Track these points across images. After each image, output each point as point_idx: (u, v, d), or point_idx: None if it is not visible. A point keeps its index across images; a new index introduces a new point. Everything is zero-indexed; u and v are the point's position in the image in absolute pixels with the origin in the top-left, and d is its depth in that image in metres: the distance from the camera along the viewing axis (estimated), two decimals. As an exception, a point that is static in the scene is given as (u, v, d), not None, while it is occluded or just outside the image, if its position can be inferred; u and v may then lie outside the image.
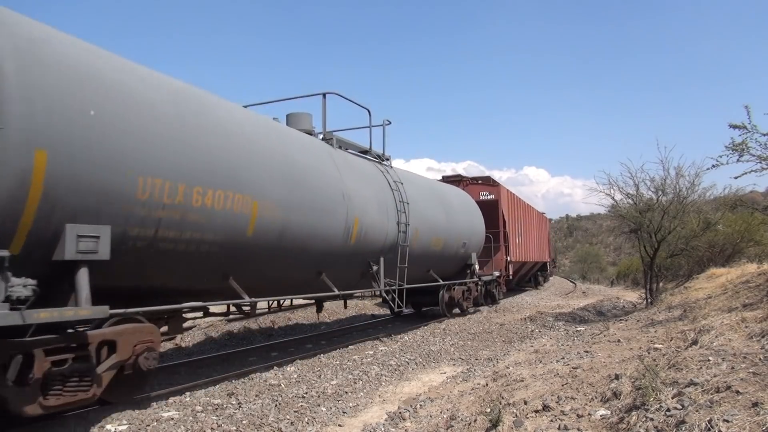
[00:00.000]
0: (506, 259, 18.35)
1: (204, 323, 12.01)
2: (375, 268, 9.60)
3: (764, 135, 8.64)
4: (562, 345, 8.55)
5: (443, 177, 18.52)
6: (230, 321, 12.67)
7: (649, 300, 14.34)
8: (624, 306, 16.81)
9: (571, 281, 39.44)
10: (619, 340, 7.52)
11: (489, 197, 18.38)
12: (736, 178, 21.40)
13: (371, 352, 9.14)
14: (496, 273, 17.38)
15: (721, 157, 9.18)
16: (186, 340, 10.99)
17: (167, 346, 10.42)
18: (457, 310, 14.52)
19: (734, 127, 8.73)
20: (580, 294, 25.61)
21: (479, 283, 15.56)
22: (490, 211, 17.47)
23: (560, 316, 14.40)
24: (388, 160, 11.41)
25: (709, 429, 2.84)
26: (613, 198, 14.92)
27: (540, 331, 11.65)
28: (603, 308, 16.46)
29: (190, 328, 11.85)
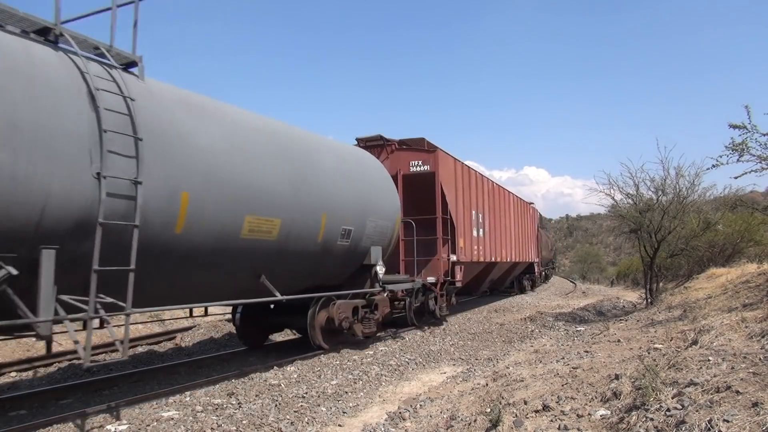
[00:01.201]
0: (448, 259, 12.67)
1: (204, 323, 12.02)
2: (3, 272, 4.36)
3: (764, 135, 8.66)
4: (562, 345, 8.56)
5: (357, 139, 12.81)
6: (230, 321, 12.68)
7: (649, 300, 14.35)
8: (624, 306, 16.81)
9: (571, 281, 39.43)
10: (619, 340, 7.52)
11: (421, 169, 12.53)
12: (736, 178, 21.51)
13: (371, 352, 9.14)
14: (431, 279, 12.19)
15: (721, 157, 9.20)
16: (186, 340, 11.00)
17: (167, 346, 10.44)
18: (359, 338, 9.55)
19: (734, 127, 8.74)
20: (580, 294, 25.62)
21: (401, 293, 11.11)
22: (424, 188, 12.40)
23: (560, 316, 14.41)
24: (133, 65, 5.96)
25: (709, 429, 2.84)
26: (613, 198, 14.97)
27: (540, 331, 11.65)
28: (603, 308, 16.47)
29: (189, 328, 11.85)
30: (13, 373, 7.94)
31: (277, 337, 11.29)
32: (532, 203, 25.85)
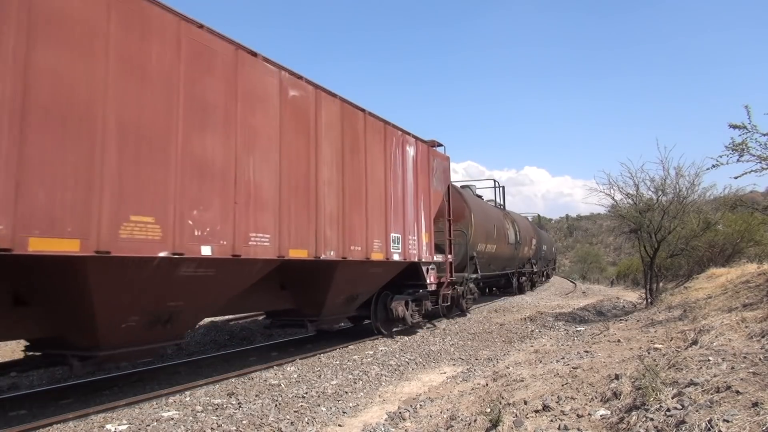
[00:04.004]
0: None
1: (204, 323, 12.01)
2: None
3: (764, 135, 8.66)
4: (562, 345, 8.56)
5: None
6: (230, 321, 12.68)
7: (649, 300, 14.34)
8: (624, 306, 16.81)
9: (571, 281, 39.43)
10: (619, 340, 7.52)
11: None
12: (736, 178, 21.49)
13: (371, 352, 9.14)
14: None
15: (721, 157, 9.20)
16: (186, 340, 10.99)
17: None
18: None
19: (734, 127, 8.74)
20: (580, 294, 25.60)
21: None
22: None
23: (560, 316, 14.40)
24: None
25: (709, 429, 2.84)
26: (613, 198, 14.95)
27: (540, 331, 11.65)
28: (603, 308, 16.46)
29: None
30: (13, 373, 7.93)
31: (279, 336, 11.30)
32: (440, 145, 12.71)
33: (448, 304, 13.18)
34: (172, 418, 5.40)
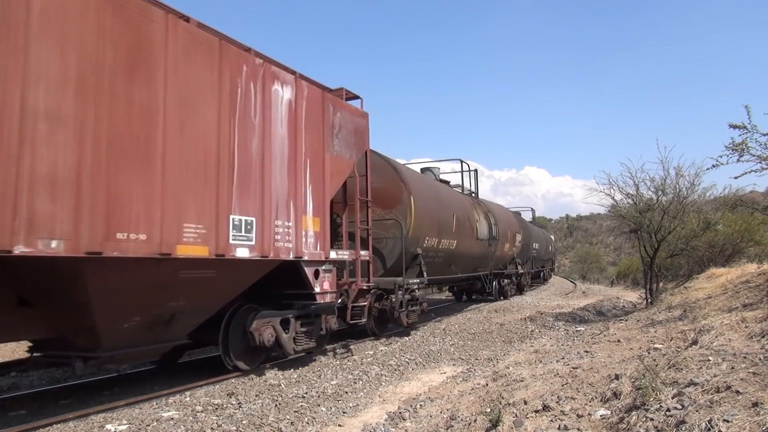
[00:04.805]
0: None
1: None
2: None
3: (764, 135, 8.66)
4: (562, 345, 8.56)
5: None
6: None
7: (649, 300, 14.35)
8: (624, 306, 16.81)
9: (571, 281, 39.44)
10: (619, 340, 7.52)
11: None
12: (736, 178, 21.50)
13: (371, 352, 9.14)
14: None
15: (721, 157, 9.19)
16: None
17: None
18: None
19: (734, 127, 8.74)
20: (580, 294, 25.60)
21: None
22: None
23: (560, 316, 14.41)
24: None
25: (709, 429, 2.84)
26: (613, 198, 14.96)
27: (540, 331, 11.65)
28: (603, 308, 16.47)
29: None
30: (13, 373, 7.93)
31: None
32: (355, 98, 9.51)
33: (364, 320, 9.70)
34: (172, 418, 5.40)
